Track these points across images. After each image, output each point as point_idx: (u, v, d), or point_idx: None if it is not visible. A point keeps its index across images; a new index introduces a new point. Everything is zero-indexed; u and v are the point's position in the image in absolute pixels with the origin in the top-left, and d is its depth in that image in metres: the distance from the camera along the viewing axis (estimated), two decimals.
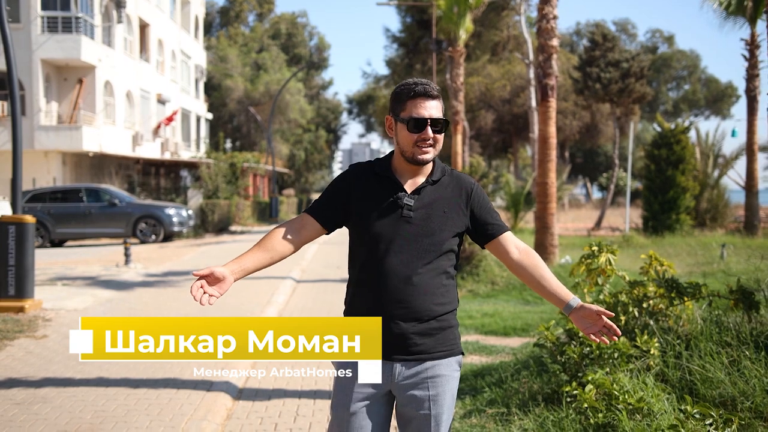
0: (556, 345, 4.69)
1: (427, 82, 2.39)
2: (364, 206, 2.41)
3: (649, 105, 58.00)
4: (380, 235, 2.37)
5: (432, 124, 2.36)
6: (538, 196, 11.42)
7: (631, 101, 24.05)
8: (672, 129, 18.89)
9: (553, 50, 11.06)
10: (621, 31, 63.06)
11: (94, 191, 19.58)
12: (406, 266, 2.34)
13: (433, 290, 2.37)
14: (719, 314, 5.22)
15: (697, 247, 14.91)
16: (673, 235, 17.68)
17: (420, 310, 2.35)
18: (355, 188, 2.44)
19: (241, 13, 55.49)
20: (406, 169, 2.44)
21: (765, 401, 4.19)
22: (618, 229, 22.22)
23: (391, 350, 2.34)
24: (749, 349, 4.71)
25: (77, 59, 24.70)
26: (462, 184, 2.47)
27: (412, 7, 33.76)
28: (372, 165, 2.49)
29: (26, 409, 4.79)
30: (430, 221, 2.38)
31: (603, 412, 3.75)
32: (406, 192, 2.41)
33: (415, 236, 2.36)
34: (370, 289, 2.37)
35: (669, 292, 5.11)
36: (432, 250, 2.37)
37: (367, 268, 2.39)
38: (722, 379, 4.44)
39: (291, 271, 12.32)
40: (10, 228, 8.14)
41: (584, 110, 35.87)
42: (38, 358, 6.23)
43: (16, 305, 8.11)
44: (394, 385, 2.37)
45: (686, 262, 12.91)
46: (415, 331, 2.34)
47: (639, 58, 24.17)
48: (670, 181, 18.36)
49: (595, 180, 55.67)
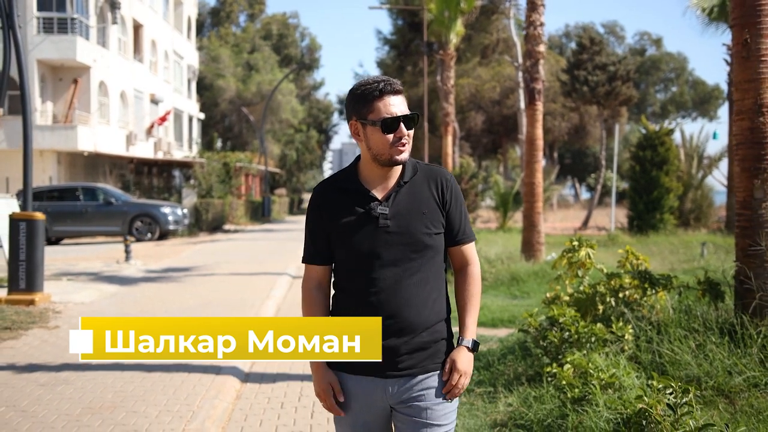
0: (539, 330, 5.14)
1: (387, 78, 2.25)
2: (340, 224, 2.27)
3: (637, 107, 58.66)
4: (360, 251, 2.24)
5: (405, 121, 2.22)
6: (525, 195, 11.90)
7: (617, 104, 24.60)
8: (656, 131, 19.42)
9: (540, 56, 11.53)
10: (609, 34, 63.73)
11: (90, 190, 19.91)
12: (392, 279, 2.23)
13: (423, 301, 2.26)
14: (689, 304, 5.69)
15: (680, 246, 15.42)
16: (657, 234, 18.20)
17: (411, 324, 2.24)
18: (325, 209, 2.30)
19: (231, 13, 55.80)
20: (375, 175, 2.29)
21: (726, 380, 4.65)
22: (604, 229, 22.75)
23: (383, 367, 2.24)
24: (714, 334, 5.17)
25: (72, 60, 25.00)
26: (436, 177, 2.32)
27: (404, 10, 34.20)
28: (337, 180, 2.35)
29: (51, 390, 5.19)
30: (409, 226, 2.24)
31: (579, 388, 4.19)
32: (377, 200, 2.26)
33: (397, 245, 2.23)
34: (357, 304, 2.26)
35: (642, 283, 5.58)
36: (418, 257, 2.25)
37: (352, 285, 2.29)
38: (689, 361, 4.91)
39: (287, 268, 12.73)
40: (21, 225, 8.51)
41: (572, 112, 36.44)
42: (53, 347, 6.62)
43: (26, 298, 8.49)
44: (390, 402, 2.30)
45: (669, 259, 13.40)
46: (407, 346, 2.24)
47: (625, 61, 24.73)
48: (655, 181, 18.88)
49: (584, 181, 56.32)
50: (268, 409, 4.92)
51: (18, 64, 8.72)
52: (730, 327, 5.25)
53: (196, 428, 4.40)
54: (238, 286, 10.61)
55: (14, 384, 5.37)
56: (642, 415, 3.54)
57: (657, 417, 3.48)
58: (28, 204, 8.74)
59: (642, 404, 3.54)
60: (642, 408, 3.53)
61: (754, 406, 4.41)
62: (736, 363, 4.83)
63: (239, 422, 4.66)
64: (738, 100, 5.34)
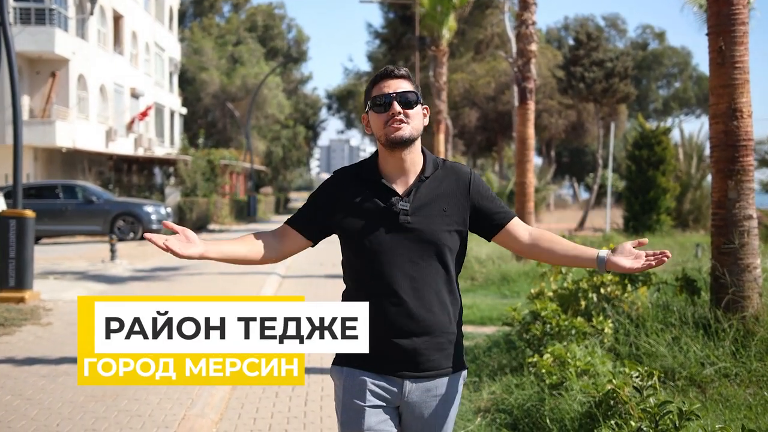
0: (522, 324, 5.68)
1: (391, 66, 2.36)
2: (356, 218, 2.31)
3: (639, 103, 59.42)
4: (379, 247, 2.28)
5: (399, 98, 2.27)
6: (517, 195, 12.47)
7: (615, 101, 25.25)
8: (653, 130, 20.05)
9: (532, 54, 12.11)
10: (611, 27, 64.49)
11: (70, 188, 20.31)
12: (412, 278, 2.28)
13: (443, 301, 2.32)
14: (667, 300, 6.26)
15: (675, 247, 16.01)
16: (653, 236, 18.82)
17: (432, 324, 2.29)
18: (341, 198, 2.36)
19: (215, 3, 56.16)
20: (393, 168, 2.34)
21: (698, 371, 5.21)
22: (600, 230, 23.37)
23: (400, 366, 2.30)
24: (689, 328, 5.74)
25: (51, 52, 25.33)
26: (459, 175, 2.38)
27: (396, 3, 34.77)
28: (358, 169, 2.40)
29: (53, 381, 5.69)
30: (430, 224, 2.29)
31: (557, 375, 4.73)
32: (398, 195, 2.31)
33: (417, 243, 2.28)
34: (375, 304, 2.25)
35: (622, 279, 6.14)
36: (437, 257, 2.30)
37: (368, 282, 2.32)
38: (664, 353, 5.46)
39: (276, 267, 13.24)
40: (11, 222, 8.99)
41: (569, 109, 37.10)
42: (49, 342, 7.11)
43: (16, 296, 8.96)
44: (402, 402, 2.34)
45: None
46: (426, 346, 2.30)
47: (623, 58, 25.38)
48: (651, 181, 19.51)
49: (582, 180, 57.02)
50: (263, 398, 5.43)
51: (8, 61, 9.19)
52: (704, 321, 5.81)
53: (196, 414, 4.91)
54: (228, 285, 11.11)
55: (16, 375, 5.85)
56: (611, 396, 4.08)
57: (624, 398, 4.03)
58: (18, 202, 9.22)
59: (611, 386, 4.08)
60: (610, 389, 4.07)
61: (723, 394, 4.97)
62: (708, 355, 5.40)
63: (236, 409, 5.17)
64: (713, 104, 5.90)
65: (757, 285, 5.75)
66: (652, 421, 3.66)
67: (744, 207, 5.77)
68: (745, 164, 5.78)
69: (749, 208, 5.80)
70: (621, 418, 3.99)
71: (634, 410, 3.94)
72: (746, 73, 5.83)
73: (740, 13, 5.79)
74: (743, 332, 5.58)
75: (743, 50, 5.81)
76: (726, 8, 5.79)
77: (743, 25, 5.81)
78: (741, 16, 5.81)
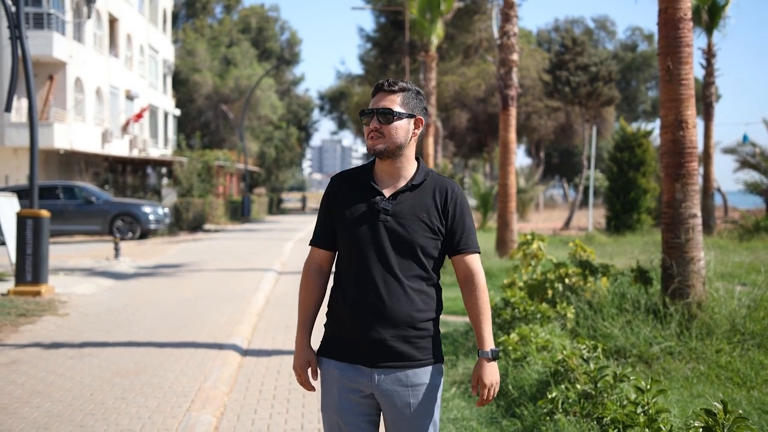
0: (494, 310, 6.50)
1: (389, 79, 2.56)
2: (344, 213, 2.54)
3: (628, 105, 60.43)
4: (359, 240, 2.49)
5: (379, 113, 2.48)
6: (500, 196, 13.31)
7: (599, 104, 26.13)
8: (634, 133, 20.93)
9: (514, 64, 12.94)
10: (600, 29, 65.49)
11: (70, 189, 21.04)
12: (384, 272, 2.46)
13: (412, 297, 2.47)
14: (623, 289, 7.09)
15: (653, 245, 16.90)
16: (634, 234, 19.71)
17: (398, 317, 2.45)
18: (336, 198, 2.58)
19: (207, 4, 56.78)
20: (383, 173, 2.55)
21: (647, 350, 6.04)
22: (584, 229, 24.26)
23: (369, 357, 2.47)
24: (641, 313, 6.57)
25: (49, 56, 25.99)
26: (443, 190, 2.55)
27: (387, 9, 35.58)
28: (354, 173, 2.62)
29: (79, 360, 6.47)
30: (407, 227, 2.47)
31: (520, 351, 5.55)
32: (384, 196, 2.51)
33: (395, 240, 2.47)
34: (349, 294, 2.49)
35: (584, 271, 6.97)
36: (412, 255, 2.48)
37: (347, 273, 2.53)
38: (617, 334, 6.29)
39: (272, 264, 14.04)
40: (28, 221, 9.74)
41: (558, 111, 38.01)
42: (69, 330, 7.88)
43: (33, 289, 9.72)
44: (375, 391, 2.49)
45: (641, 258, 14.83)
46: (393, 337, 2.45)
47: (607, 62, 26.28)
48: (632, 182, 20.39)
49: (572, 181, 57.98)
50: (267, 375, 6.23)
51: (24, 69, 9.94)
52: (655, 307, 6.65)
53: (210, 386, 5.70)
54: (228, 281, 11.89)
55: (46, 357, 6.63)
56: (561, 365, 4.90)
57: (572, 366, 4.84)
58: (34, 202, 9.97)
59: (561, 356, 4.90)
60: (561, 359, 4.88)
61: (666, 368, 5.82)
62: (656, 336, 6.24)
63: (244, 384, 5.97)
64: (663, 116, 6.74)
65: (700, 275, 6.58)
66: (593, 382, 4.47)
67: (689, 207, 6.60)
68: (690, 169, 6.62)
69: (694, 208, 6.63)
70: (570, 383, 4.80)
71: (579, 376, 4.76)
72: (691, 89, 6.67)
73: (685, 37, 6.63)
74: (687, 316, 6.42)
75: (688, 69, 6.65)
76: (673, 32, 6.63)
77: (688, 47, 6.64)
78: (686, 39, 6.64)
